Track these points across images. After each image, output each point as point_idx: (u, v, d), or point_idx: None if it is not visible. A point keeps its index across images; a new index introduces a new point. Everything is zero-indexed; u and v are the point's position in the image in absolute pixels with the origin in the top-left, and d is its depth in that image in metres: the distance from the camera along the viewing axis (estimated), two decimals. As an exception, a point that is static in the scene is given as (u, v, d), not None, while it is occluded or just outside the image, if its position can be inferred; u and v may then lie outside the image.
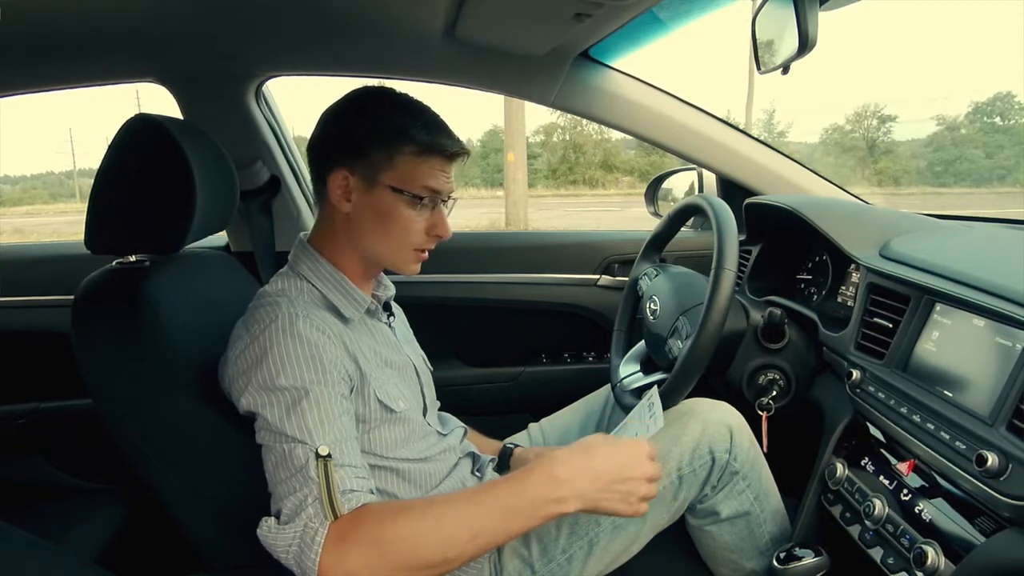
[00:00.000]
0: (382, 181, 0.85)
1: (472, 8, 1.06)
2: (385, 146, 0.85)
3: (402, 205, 0.86)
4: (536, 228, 10.46)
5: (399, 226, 0.87)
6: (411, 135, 0.85)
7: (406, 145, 0.85)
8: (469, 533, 0.71)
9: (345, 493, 0.72)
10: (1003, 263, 0.88)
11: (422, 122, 0.87)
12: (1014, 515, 0.65)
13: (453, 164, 0.89)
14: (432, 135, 0.86)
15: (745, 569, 1.00)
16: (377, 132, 0.85)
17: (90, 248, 0.90)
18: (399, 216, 0.87)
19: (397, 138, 0.85)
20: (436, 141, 0.86)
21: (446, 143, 0.87)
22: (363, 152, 0.85)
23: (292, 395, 0.75)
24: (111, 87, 1.42)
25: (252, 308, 0.85)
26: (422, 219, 0.88)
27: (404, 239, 0.88)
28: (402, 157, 0.85)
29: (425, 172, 0.86)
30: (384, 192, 0.86)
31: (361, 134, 0.86)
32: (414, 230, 0.88)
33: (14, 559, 0.65)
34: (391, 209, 0.86)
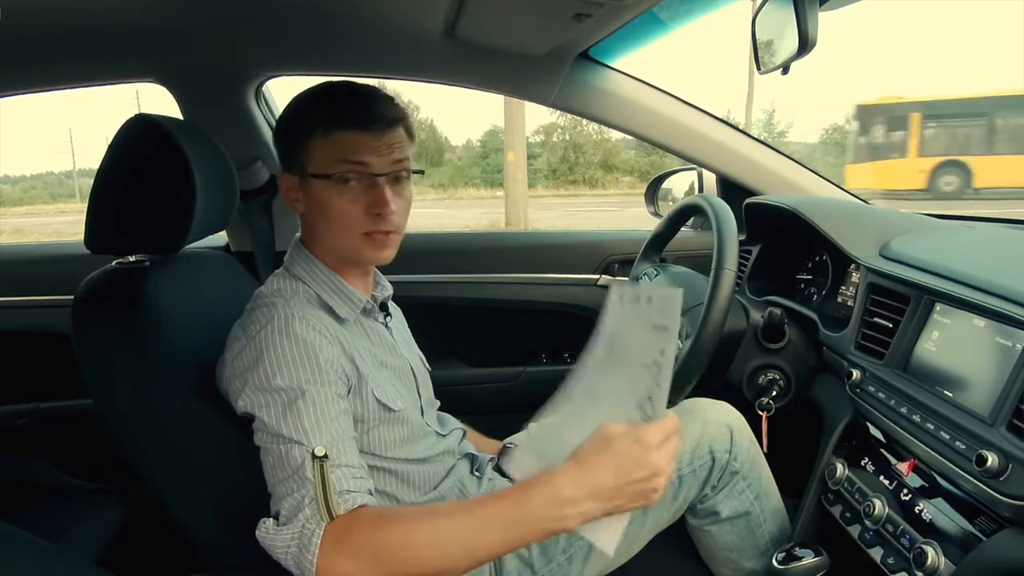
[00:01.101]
0: (307, 172, 0.84)
1: (472, 8, 1.06)
2: (299, 136, 0.84)
3: (331, 190, 0.83)
4: (536, 228, 10.45)
5: (335, 213, 0.84)
6: (316, 116, 0.83)
7: (315, 128, 0.82)
8: (466, 546, 0.69)
9: (342, 494, 0.71)
10: (1003, 263, 0.88)
11: (327, 101, 0.84)
12: (1014, 515, 0.65)
13: (379, 134, 0.83)
14: (336, 110, 0.82)
15: (745, 569, 1.00)
16: (292, 124, 0.85)
17: (90, 248, 0.90)
18: (331, 203, 0.83)
19: (306, 124, 0.83)
20: (340, 115, 0.82)
21: (352, 114, 0.82)
22: (287, 150, 0.86)
23: (288, 395, 0.75)
24: (111, 87, 1.42)
25: (249, 309, 0.85)
26: (358, 200, 0.83)
27: (345, 225, 0.84)
28: (315, 142, 0.83)
29: (340, 148, 0.82)
30: (312, 183, 0.84)
31: (281, 131, 0.87)
32: (352, 213, 0.83)
33: (14, 559, 0.65)
34: (323, 198, 0.84)
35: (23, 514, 1.28)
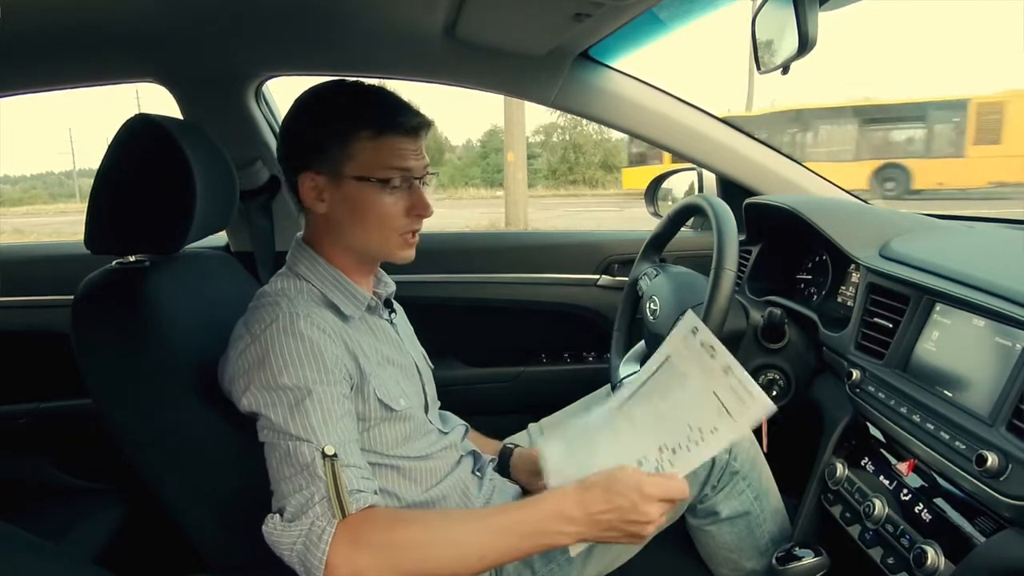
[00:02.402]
0: (346, 173, 0.84)
1: (472, 8, 1.06)
2: (340, 137, 0.84)
3: (373, 192, 0.85)
4: (536, 228, 10.45)
5: (375, 214, 0.85)
6: (363, 120, 0.84)
7: (360, 131, 0.83)
8: (479, 551, 0.72)
9: (352, 493, 0.72)
10: (1003, 263, 0.88)
11: (372, 104, 0.85)
12: (1014, 515, 0.65)
13: (418, 139, 0.87)
14: (385, 114, 0.84)
15: (745, 569, 1.00)
16: (329, 125, 0.85)
17: (90, 248, 0.90)
18: (373, 204, 0.85)
19: (350, 126, 0.84)
20: (390, 119, 0.84)
21: (400, 119, 0.84)
22: (321, 149, 0.85)
23: (295, 394, 0.75)
24: (111, 87, 1.42)
25: (252, 308, 0.85)
26: (399, 202, 0.86)
27: (385, 226, 0.87)
28: (359, 144, 0.84)
29: (386, 153, 0.84)
30: (351, 184, 0.84)
31: (315, 132, 0.86)
32: (393, 214, 0.86)
33: (14, 559, 0.65)
34: (363, 199, 0.85)
35: (23, 514, 1.28)
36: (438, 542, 0.72)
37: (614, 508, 0.73)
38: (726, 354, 0.76)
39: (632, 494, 0.73)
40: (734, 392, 0.73)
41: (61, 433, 1.50)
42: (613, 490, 0.74)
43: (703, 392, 0.76)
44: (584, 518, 0.73)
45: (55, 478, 1.50)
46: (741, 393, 0.73)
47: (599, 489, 0.74)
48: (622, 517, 0.73)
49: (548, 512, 0.74)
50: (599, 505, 0.73)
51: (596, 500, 0.74)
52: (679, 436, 0.77)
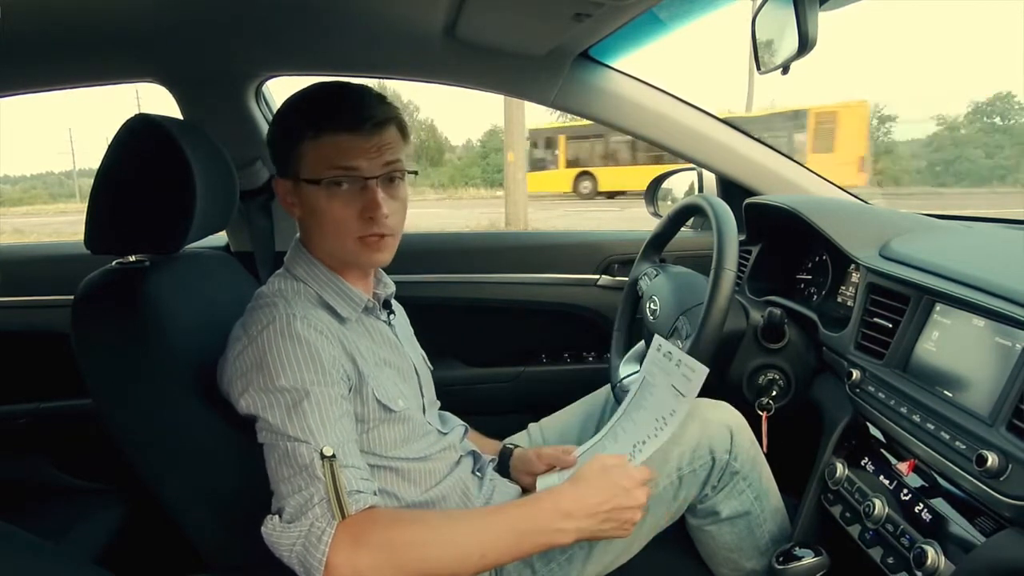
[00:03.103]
0: (300, 177, 0.84)
1: (472, 8, 1.06)
2: (288, 140, 0.83)
3: (322, 196, 0.82)
4: (536, 228, 10.44)
5: (328, 218, 0.83)
6: (306, 120, 0.82)
7: (304, 132, 0.82)
8: (479, 550, 0.73)
9: (352, 494, 0.72)
10: (1003, 263, 0.88)
11: (319, 104, 0.83)
12: (1014, 515, 0.65)
13: (371, 136, 0.81)
14: (326, 113, 0.81)
15: (745, 569, 1.00)
16: (282, 130, 0.85)
17: (90, 248, 0.90)
18: (323, 207, 0.83)
19: (296, 128, 0.82)
20: (329, 117, 0.81)
21: (341, 116, 0.80)
22: (279, 155, 0.86)
23: (293, 396, 0.75)
24: (111, 87, 1.41)
25: (250, 309, 0.85)
26: (350, 204, 0.82)
27: (338, 230, 0.84)
28: (305, 146, 0.82)
29: (330, 153, 0.81)
30: (304, 188, 0.84)
31: (275, 138, 0.86)
32: (343, 218, 0.83)
33: (14, 559, 0.65)
34: (316, 203, 0.83)
35: (23, 514, 1.28)
36: (438, 542, 0.72)
37: (609, 497, 0.79)
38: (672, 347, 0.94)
39: (624, 480, 0.80)
40: (684, 376, 0.89)
41: (61, 433, 1.50)
42: (606, 479, 0.80)
43: (665, 388, 0.92)
44: (582, 512, 0.77)
45: (55, 478, 1.50)
46: (687, 372, 0.88)
47: (592, 481, 0.80)
48: (617, 505, 0.79)
49: (546, 509, 0.77)
50: (595, 497, 0.78)
51: (591, 492, 0.79)
52: (648, 430, 0.92)
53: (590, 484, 0.80)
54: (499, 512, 0.78)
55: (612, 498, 0.79)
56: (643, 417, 0.95)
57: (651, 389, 0.96)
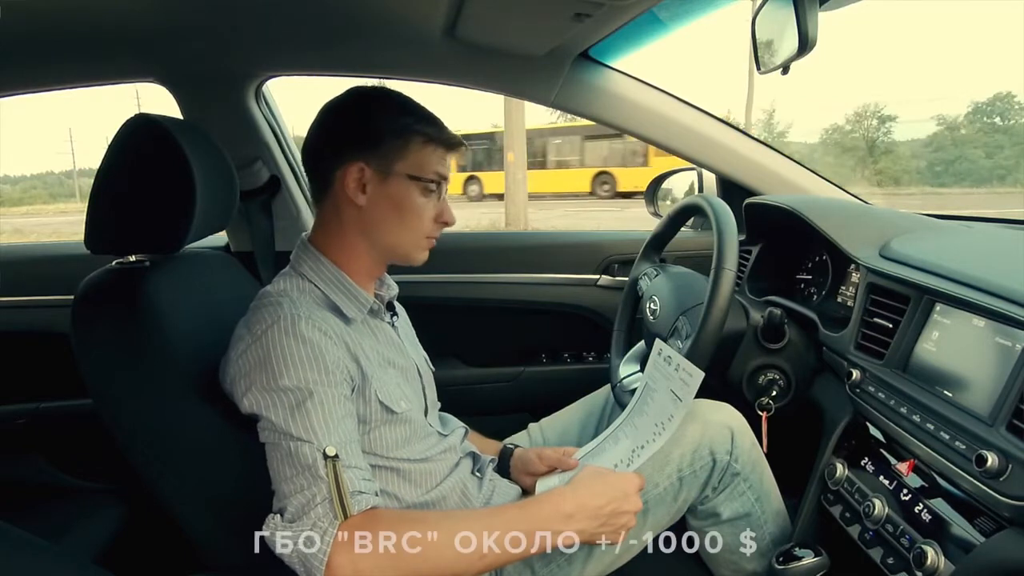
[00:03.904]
0: (398, 170, 0.88)
1: (472, 8, 1.06)
2: (399, 136, 0.88)
3: (416, 193, 0.89)
4: (536, 228, 10.44)
5: (413, 214, 0.89)
6: (420, 126, 0.89)
7: (417, 135, 0.89)
8: (479, 551, 0.74)
9: (354, 494, 0.72)
10: (1003, 263, 0.88)
11: (426, 116, 0.91)
12: (1014, 515, 0.65)
13: (453, 155, 0.94)
14: (437, 125, 0.91)
15: (746, 570, 1.00)
16: (389, 123, 0.88)
17: (90, 248, 0.90)
18: (413, 204, 0.89)
19: (409, 128, 0.88)
20: (441, 130, 0.91)
21: (449, 134, 0.92)
22: (377, 143, 0.87)
23: (296, 396, 0.75)
24: (111, 87, 1.42)
25: (254, 308, 0.85)
26: (431, 207, 0.91)
27: (418, 227, 0.91)
28: (414, 146, 0.88)
29: (436, 159, 0.90)
30: (400, 181, 0.88)
31: (373, 126, 0.88)
32: (426, 217, 0.91)
33: (14, 559, 0.65)
34: (407, 197, 0.89)
35: (23, 514, 1.28)
36: (439, 543, 0.72)
37: (609, 501, 0.81)
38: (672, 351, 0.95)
39: (622, 484, 0.83)
40: (682, 380, 0.90)
41: (61, 433, 1.50)
42: (606, 483, 0.83)
43: (665, 393, 0.94)
44: (583, 514, 0.79)
45: (55, 478, 1.50)
46: (685, 377, 0.90)
47: (592, 484, 0.83)
48: (616, 509, 0.81)
49: (547, 511, 0.78)
50: (596, 500, 0.81)
51: (591, 495, 0.81)
52: (647, 435, 0.93)
53: (591, 487, 0.82)
54: (500, 513, 0.78)
55: (611, 501, 0.81)
56: (644, 422, 0.96)
57: (652, 394, 0.97)
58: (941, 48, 48.46)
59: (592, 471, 0.87)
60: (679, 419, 0.90)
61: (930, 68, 45.30)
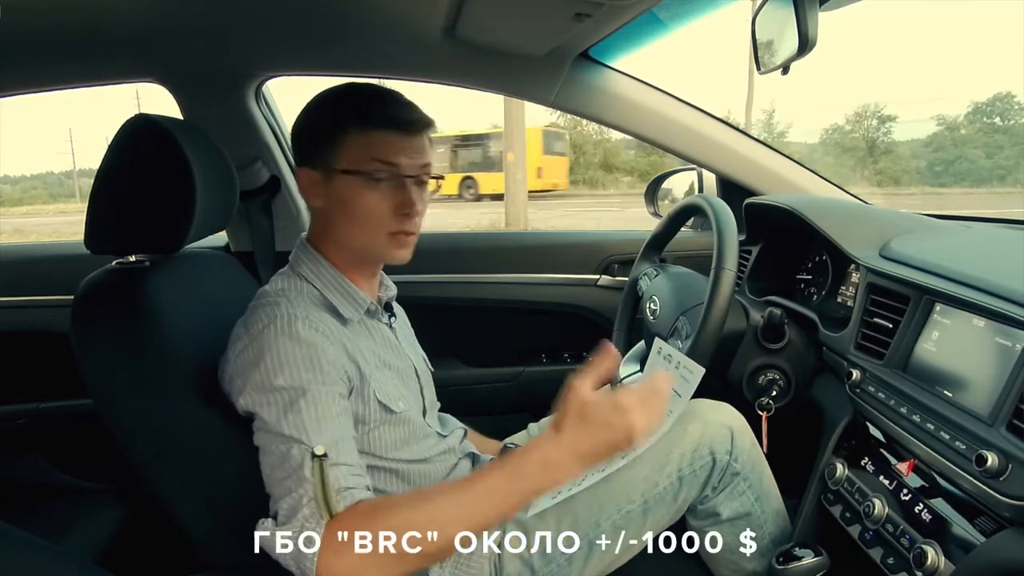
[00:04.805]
0: (335, 167, 0.84)
1: (472, 8, 1.06)
2: (331, 131, 0.84)
3: (359, 187, 0.83)
4: (536, 228, 10.44)
5: (361, 210, 0.84)
6: (353, 113, 0.83)
7: (351, 125, 0.83)
8: (465, 522, 0.71)
9: (340, 491, 0.72)
10: (1003, 263, 0.88)
11: (365, 98, 0.85)
12: (1014, 515, 0.65)
13: (412, 136, 0.85)
14: (375, 108, 0.83)
15: (746, 570, 0.99)
16: (323, 120, 0.86)
17: (90, 248, 0.90)
18: (359, 199, 0.84)
19: (342, 120, 0.84)
20: (379, 112, 0.83)
21: (391, 113, 0.83)
22: (314, 143, 0.86)
23: (289, 395, 0.75)
24: (111, 87, 1.41)
25: (252, 308, 0.85)
26: (386, 199, 0.84)
27: (372, 223, 0.85)
28: (348, 138, 0.83)
29: (375, 146, 0.83)
30: (340, 179, 0.84)
31: (310, 127, 0.87)
32: (380, 211, 0.84)
33: (14, 559, 0.65)
34: (351, 194, 0.84)
35: (23, 514, 1.28)
36: (423, 523, 0.69)
37: (596, 436, 0.72)
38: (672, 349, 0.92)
39: (608, 416, 0.71)
40: (682, 377, 0.87)
41: (61, 433, 1.50)
42: (588, 420, 0.72)
43: None
44: (569, 457, 0.71)
45: (55, 478, 1.50)
46: (685, 374, 0.87)
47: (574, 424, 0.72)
48: (608, 440, 0.72)
49: (534, 467, 0.72)
50: (582, 441, 0.72)
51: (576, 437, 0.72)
52: None
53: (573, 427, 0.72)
54: (481, 480, 0.73)
55: (599, 436, 0.72)
56: None
57: None
58: (941, 48, 48.50)
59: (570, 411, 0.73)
60: (677, 415, 0.89)
61: (930, 68, 45.34)
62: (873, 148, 21.16)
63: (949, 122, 22.23)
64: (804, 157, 12.02)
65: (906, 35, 46.77)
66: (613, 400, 0.72)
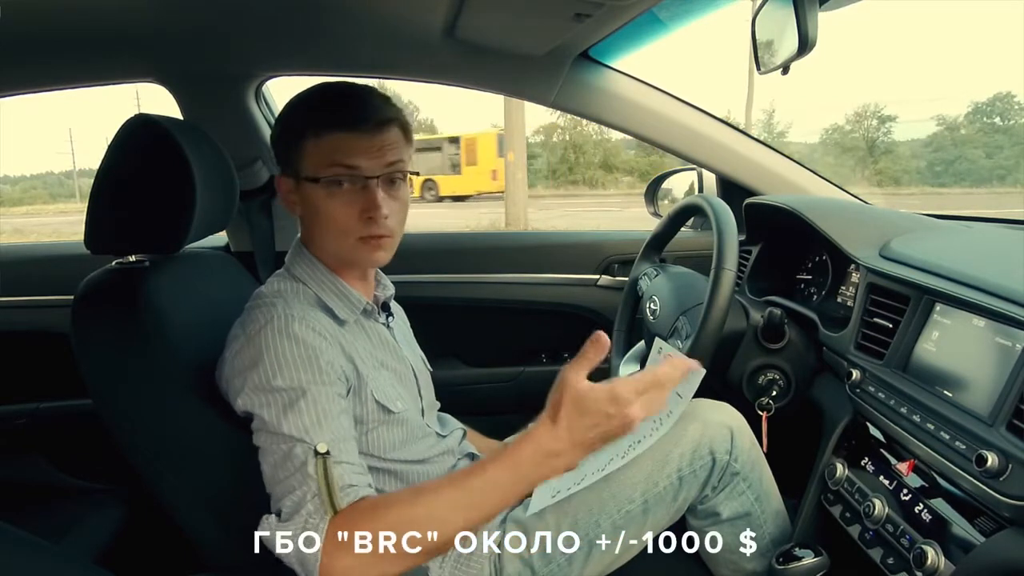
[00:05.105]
0: (300, 175, 0.84)
1: (472, 8, 1.06)
2: (292, 139, 0.84)
3: (322, 194, 0.83)
4: (536, 228, 10.45)
5: (327, 216, 0.83)
6: (310, 119, 0.82)
7: (307, 130, 0.82)
8: (465, 515, 0.70)
9: (344, 488, 0.72)
10: (1003, 263, 0.88)
11: (322, 102, 0.83)
12: (1014, 515, 0.65)
13: (374, 136, 0.82)
14: (329, 111, 0.81)
15: (745, 570, 0.99)
16: (285, 127, 0.86)
17: (90, 248, 0.90)
18: (325, 207, 0.83)
19: (299, 126, 0.83)
20: (332, 116, 0.81)
21: (344, 114, 0.81)
22: (281, 153, 0.86)
23: (289, 395, 0.75)
24: (111, 87, 1.41)
25: (248, 308, 0.85)
26: (350, 204, 0.83)
27: (337, 229, 0.84)
28: (307, 144, 0.83)
29: (331, 151, 0.81)
30: (305, 186, 0.84)
31: (276, 135, 0.87)
32: (343, 217, 0.83)
33: (14, 559, 0.65)
34: (317, 202, 0.83)
35: (23, 514, 1.28)
36: (423, 518, 0.69)
37: (593, 425, 0.69)
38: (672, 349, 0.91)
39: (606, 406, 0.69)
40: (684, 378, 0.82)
41: (61, 433, 1.50)
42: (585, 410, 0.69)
43: None
44: (566, 446, 0.70)
45: (55, 478, 1.50)
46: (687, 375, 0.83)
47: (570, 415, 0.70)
48: (606, 430, 0.70)
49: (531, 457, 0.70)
50: (578, 431, 0.69)
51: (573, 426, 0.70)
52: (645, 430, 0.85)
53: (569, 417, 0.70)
54: (479, 473, 0.72)
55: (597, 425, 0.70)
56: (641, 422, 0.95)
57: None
58: (941, 48, 48.49)
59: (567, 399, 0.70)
60: (677, 415, 0.88)
61: (930, 68, 45.34)
62: (873, 148, 21.17)
63: (949, 122, 22.25)
64: (804, 157, 12.04)
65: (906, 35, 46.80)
66: (611, 390, 0.69)
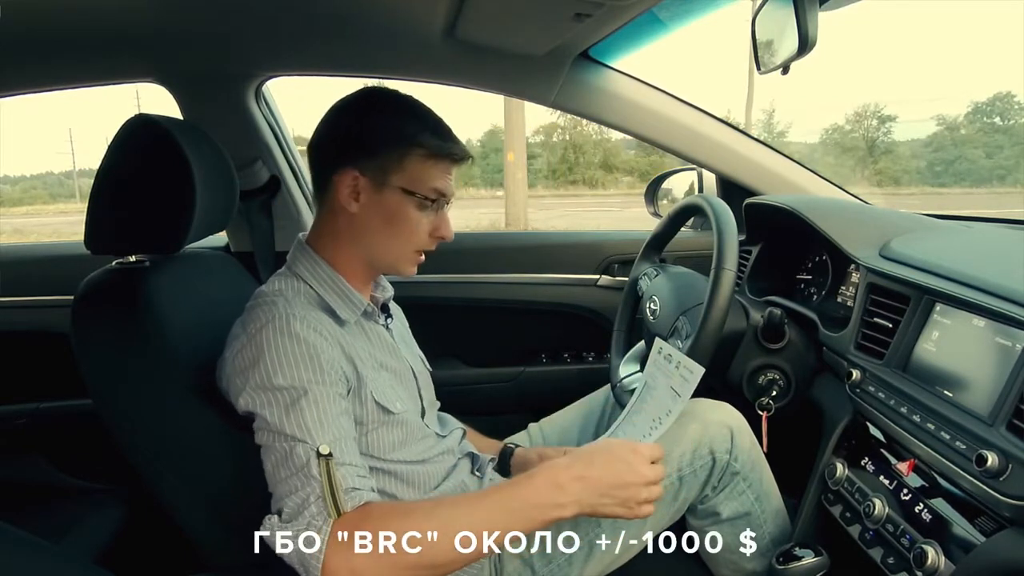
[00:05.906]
0: (392, 183, 0.86)
1: (472, 8, 1.06)
2: (397, 148, 0.86)
3: (411, 207, 0.87)
4: (536, 228, 10.46)
5: (406, 227, 0.88)
6: (422, 138, 0.86)
7: (418, 148, 0.86)
8: (473, 535, 0.72)
9: (347, 491, 0.72)
10: (1003, 263, 0.88)
11: (431, 126, 0.88)
12: (1014, 515, 0.65)
13: (456, 168, 0.91)
14: (441, 139, 0.88)
15: (745, 570, 1.00)
16: (389, 133, 0.86)
17: (90, 248, 0.90)
18: (407, 218, 0.87)
19: (409, 140, 0.86)
20: (445, 146, 0.88)
21: (454, 148, 0.89)
22: (373, 153, 0.86)
23: (290, 394, 0.75)
24: (111, 87, 1.42)
25: (249, 307, 0.85)
26: (427, 221, 0.89)
27: (409, 240, 0.89)
28: (413, 160, 0.86)
29: (435, 175, 0.88)
30: (394, 193, 0.86)
31: (372, 135, 0.86)
32: (420, 231, 0.89)
33: (14, 559, 0.65)
34: (400, 210, 0.87)
35: (23, 514, 1.28)
36: (433, 532, 0.71)
37: (608, 469, 0.77)
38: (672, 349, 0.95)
39: (628, 454, 0.78)
40: (682, 377, 0.90)
41: (61, 433, 1.50)
42: (606, 452, 0.79)
43: (664, 390, 0.93)
44: (578, 484, 0.76)
45: (55, 478, 1.50)
46: (685, 374, 0.89)
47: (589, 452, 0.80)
48: (619, 480, 0.77)
49: (540, 484, 0.76)
50: (594, 471, 0.77)
51: (588, 464, 0.77)
52: (645, 429, 0.92)
53: (590, 458, 0.78)
54: (492, 494, 0.77)
55: (611, 472, 0.77)
56: (641, 419, 0.96)
57: (652, 392, 0.97)
58: (941, 48, 48.46)
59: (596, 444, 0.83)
60: (676, 414, 0.89)
61: (930, 68, 45.31)
62: (873, 148, 21.17)
63: (949, 122, 22.25)
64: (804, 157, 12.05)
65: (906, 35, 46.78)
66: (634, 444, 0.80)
